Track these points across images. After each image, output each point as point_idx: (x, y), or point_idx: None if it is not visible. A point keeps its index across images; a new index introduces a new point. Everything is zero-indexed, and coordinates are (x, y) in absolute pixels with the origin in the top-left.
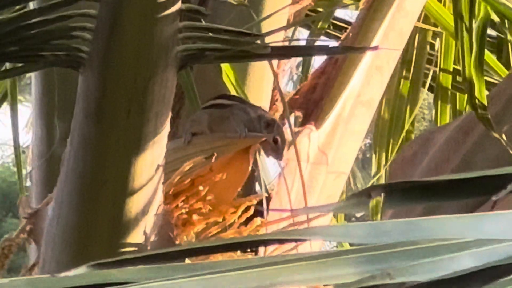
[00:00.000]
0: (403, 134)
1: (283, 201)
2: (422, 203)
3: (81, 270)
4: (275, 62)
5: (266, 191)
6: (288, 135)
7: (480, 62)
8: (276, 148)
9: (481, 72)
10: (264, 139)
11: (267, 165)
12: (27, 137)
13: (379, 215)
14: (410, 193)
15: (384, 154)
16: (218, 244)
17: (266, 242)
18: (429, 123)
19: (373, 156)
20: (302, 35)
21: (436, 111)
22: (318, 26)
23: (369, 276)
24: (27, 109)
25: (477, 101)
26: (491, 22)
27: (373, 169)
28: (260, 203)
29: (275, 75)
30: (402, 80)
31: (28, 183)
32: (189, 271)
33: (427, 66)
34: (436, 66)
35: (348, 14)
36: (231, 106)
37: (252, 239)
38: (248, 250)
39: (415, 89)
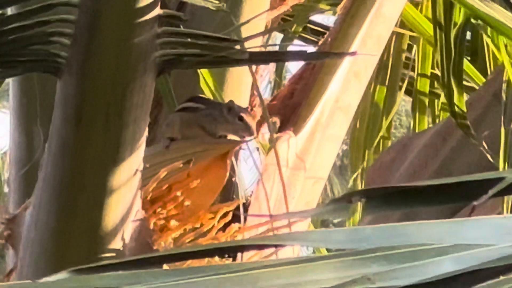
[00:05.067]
0: (380, 140)
1: (262, 207)
2: (401, 208)
3: (62, 275)
4: (253, 67)
5: (244, 197)
6: (266, 140)
7: (459, 69)
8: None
9: (460, 78)
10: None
11: (245, 170)
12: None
13: (356, 221)
14: (389, 198)
15: (360, 161)
16: (196, 249)
17: (245, 248)
18: (406, 129)
19: (350, 162)
20: (278, 41)
21: (414, 116)
22: (294, 31)
23: (349, 280)
24: (6, 116)
25: (456, 107)
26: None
27: (350, 175)
28: (238, 208)
29: (255, 80)
30: (378, 86)
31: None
32: (169, 277)
33: (404, 71)
34: (413, 71)
35: (325, 19)
36: (199, 110)
37: (231, 245)
38: (226, 256)
39: (392, 94)
